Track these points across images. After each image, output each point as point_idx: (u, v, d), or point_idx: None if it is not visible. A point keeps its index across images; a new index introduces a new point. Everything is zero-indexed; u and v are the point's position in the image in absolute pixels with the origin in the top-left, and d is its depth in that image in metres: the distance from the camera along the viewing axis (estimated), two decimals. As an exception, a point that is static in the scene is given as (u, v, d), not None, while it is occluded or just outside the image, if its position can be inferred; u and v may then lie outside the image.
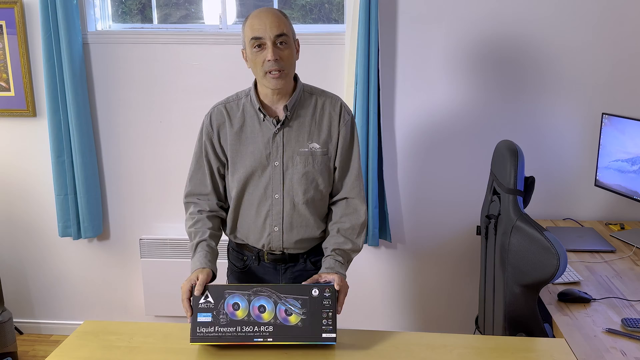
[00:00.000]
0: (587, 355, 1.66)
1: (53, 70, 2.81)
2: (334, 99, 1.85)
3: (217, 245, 1.83)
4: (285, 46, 1.71)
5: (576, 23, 2.69)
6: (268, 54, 1.68)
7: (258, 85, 1.80)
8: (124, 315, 3.22)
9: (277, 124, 1.78)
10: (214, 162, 1.85)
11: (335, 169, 1.85)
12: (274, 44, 1.69)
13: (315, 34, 2.84)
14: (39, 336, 3.27)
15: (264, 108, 1.79)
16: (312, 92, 1.85)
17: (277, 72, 1.70)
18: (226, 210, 1.91)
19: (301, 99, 1.82)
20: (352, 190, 1.86)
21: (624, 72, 2.72)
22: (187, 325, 1.60)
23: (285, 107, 1.77)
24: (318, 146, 1.80)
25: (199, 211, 1.85)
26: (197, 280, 1.62)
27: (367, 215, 1.89)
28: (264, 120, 1.79)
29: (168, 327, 1.69)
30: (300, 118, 1.80)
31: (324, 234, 1.90)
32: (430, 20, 2.75)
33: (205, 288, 1.61)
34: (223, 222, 1.91)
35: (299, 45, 1.80)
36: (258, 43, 1.69)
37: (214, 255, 1.77)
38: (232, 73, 2.84)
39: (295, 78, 1.82)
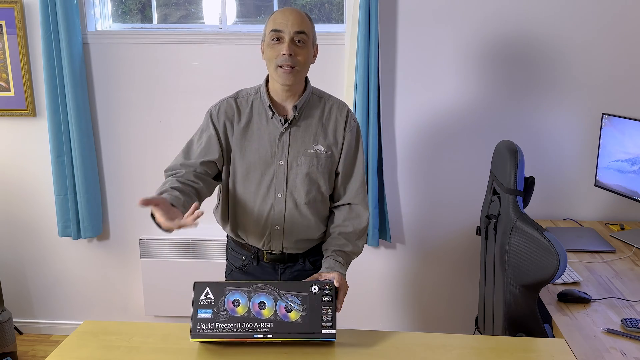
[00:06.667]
0: (587, 356, 1.66)
1: (53, 70, 2.81)
2: (342, 104, 1.87)
3: (185, 195, 1.66)
4: (302, 45, 1.72)
5: (576, 23, 2.69)
6: (284, 47, 1.69)
7: (270, 81, 1.81)
8: (124, 315, 3.22)
9: (285, 122, 1.79)
10: (218, 150, 1.80)
11: (337, 173, 1.86)
12: (292, 39, 1.70)
13: (315, 34, 2.84)
14: (38, 336, 3.27)
15: (273, 105, 1.80)
16: (321, 96, 1.86)
17: (288, 68, 1.70)
18: (206, 186, 1.80)
19: (310, 100, 1.82)
20: (356, 196, 1.87)
21: (624, 72, 2.72)
22: (187, 325, 1.60)
23: (295, 107, 1.78)
24: (323, 148, 1.81)
25: (174, 175, 1.75)
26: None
27: (369, 220, 1.89)
28: (272, 117, 1.79)
29: (168, 327, 1.69)
30: (308, 119, 1.81)
31: (324, 235, 1.90)
32: (430, 20, 2.74)
33: (206, 284, 1.60)
34: (197, 192, 1.76)
35: (317, 50, 1.81)
36: (277, 36, 1.71)
37: (176, 195, 1.62)
38: (232, 73, 2.85)
39: (306, 80, 1.83)
